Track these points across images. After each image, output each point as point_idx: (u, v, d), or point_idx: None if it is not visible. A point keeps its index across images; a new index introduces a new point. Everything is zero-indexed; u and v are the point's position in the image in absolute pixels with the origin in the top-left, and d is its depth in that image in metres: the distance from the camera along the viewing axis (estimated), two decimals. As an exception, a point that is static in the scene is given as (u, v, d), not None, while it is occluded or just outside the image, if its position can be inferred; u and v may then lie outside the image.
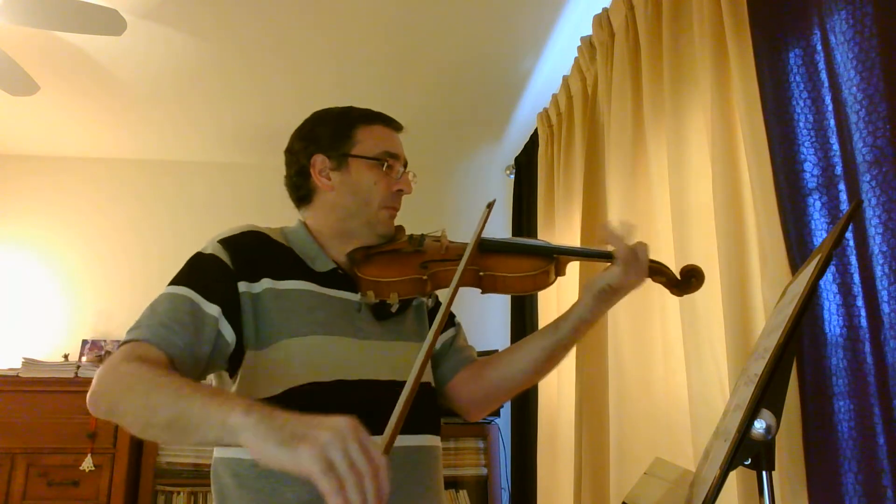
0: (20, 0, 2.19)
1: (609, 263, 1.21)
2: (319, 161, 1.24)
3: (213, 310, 1.08)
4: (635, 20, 2.12)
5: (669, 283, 1.26)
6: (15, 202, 3.68)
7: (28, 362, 3.05)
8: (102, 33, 2.37)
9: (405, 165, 1.28)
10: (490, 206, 1.25)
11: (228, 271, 1.12)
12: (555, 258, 1.24)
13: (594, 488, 2.16)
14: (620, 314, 2.00)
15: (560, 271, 1.27)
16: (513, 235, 3.44)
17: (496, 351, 1.48)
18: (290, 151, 1.29)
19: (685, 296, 1.29)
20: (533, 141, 3.35)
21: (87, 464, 2.86)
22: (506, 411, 3.38)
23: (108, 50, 2.74)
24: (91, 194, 3.73)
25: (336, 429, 0.75)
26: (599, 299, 1.21)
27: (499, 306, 3.54)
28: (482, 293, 1.24)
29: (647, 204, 1.98)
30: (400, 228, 1.30)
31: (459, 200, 3.86)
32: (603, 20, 2.35)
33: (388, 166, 1.23)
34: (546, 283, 1.25)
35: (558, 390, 2.60)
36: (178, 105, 3.24)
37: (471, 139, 3.66)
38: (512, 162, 3.70)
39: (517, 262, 1.23)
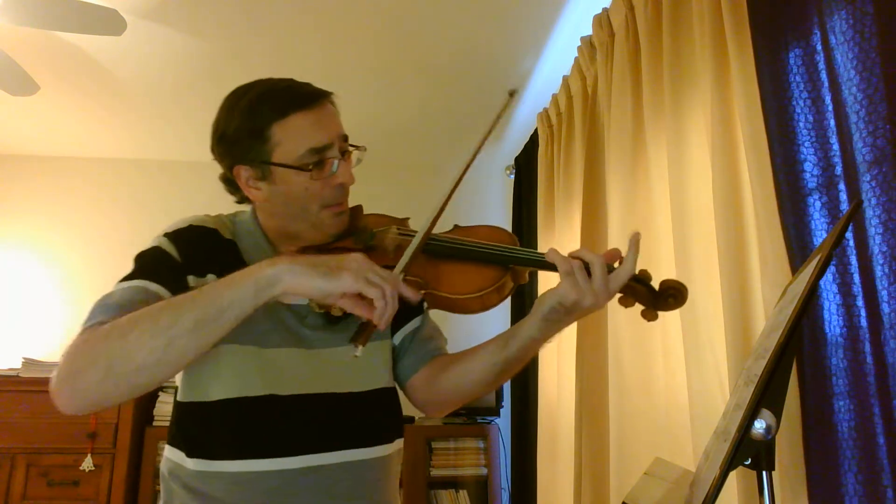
0: (20, 0, 2.19)
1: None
2: (243, 171, 1.10)
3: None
4: (635, 20, 2.12)
5: (643, 302, 1.09)
6: (15, 202, 3.68)
7: (28, 362, 3.05)
8: (102, 33, 2.36)
9: (345, 139, 1.11)
10: (512, 94, 1.12)
11: (176, 263, 1.06)
12: (510, 267, 1.10)
13: (594, 488, 2.16)
14: (620, 314, 1.99)
15: (519, 279, 1.13)
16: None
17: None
18: (213, 152, 1.14)
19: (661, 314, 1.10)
20: (533, 141, 3.35)
21: (87, 464, 2.86)
22: (506, 411, 3.38)
23: (108, 50, 2.74)
24: (91, 194, 3.74)
25: (359, 259, 0.92)
26: (549, 319, 1.05)
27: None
28: (426, 309, 1.13)
29: (647, 204, 1.97)
30: (357, 210, 1.18)
31: (459, 200, 3.81)
32: (603, 20, 2.35)
33: (316, 166, 1.07)
34: (498, 301, 1.10)
35: (558, 390, 2.60)
36: (178, 105, 3.24)
37: (471, 139, 3.64)
38: (512, 162, 3.70)
39: (467, 274, 1.09)
